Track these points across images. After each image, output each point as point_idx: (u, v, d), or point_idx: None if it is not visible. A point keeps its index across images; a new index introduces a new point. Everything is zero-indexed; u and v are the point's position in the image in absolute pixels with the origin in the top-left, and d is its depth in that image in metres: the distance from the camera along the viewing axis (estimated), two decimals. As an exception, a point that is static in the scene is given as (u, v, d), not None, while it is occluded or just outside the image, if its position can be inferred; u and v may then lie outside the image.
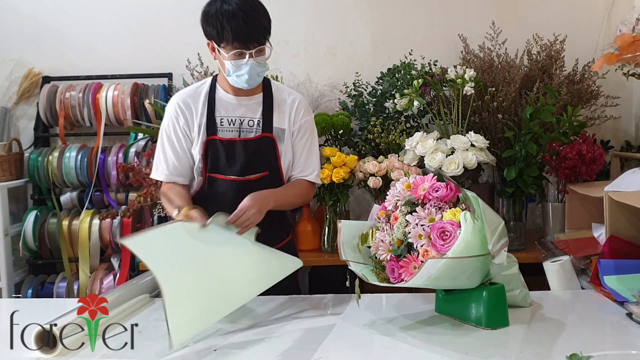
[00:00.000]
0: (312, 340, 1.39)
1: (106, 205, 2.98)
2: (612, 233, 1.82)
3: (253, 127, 1.82)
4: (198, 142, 1.81)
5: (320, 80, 2.92)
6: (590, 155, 2.28)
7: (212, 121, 1.81)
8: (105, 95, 2.94)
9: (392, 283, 1.47)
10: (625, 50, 2.18)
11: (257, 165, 1.82)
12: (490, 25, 2.74)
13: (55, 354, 1.32)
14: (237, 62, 1.72)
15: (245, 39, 1.69)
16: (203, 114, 1.82)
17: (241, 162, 1.80)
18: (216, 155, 1.81)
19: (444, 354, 1.29)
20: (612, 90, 2.75)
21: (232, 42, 1.69)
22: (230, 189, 1.82)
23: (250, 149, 1.81)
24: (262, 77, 1.80)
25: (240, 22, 1.66)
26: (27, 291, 2.91)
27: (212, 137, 1.80)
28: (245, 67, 1.72)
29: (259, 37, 1.71)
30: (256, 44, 1.71)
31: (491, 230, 1.40)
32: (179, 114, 1.83)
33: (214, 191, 1.84)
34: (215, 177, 1.83)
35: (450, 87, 2.53)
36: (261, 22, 1.71)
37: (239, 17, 1.66)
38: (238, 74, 1.74)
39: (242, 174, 1.81)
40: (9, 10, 3.09)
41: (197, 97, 1.85)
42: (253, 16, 1.68)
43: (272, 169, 1.83)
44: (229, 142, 1.80)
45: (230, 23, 1.66)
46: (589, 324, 1.49)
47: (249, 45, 1.70)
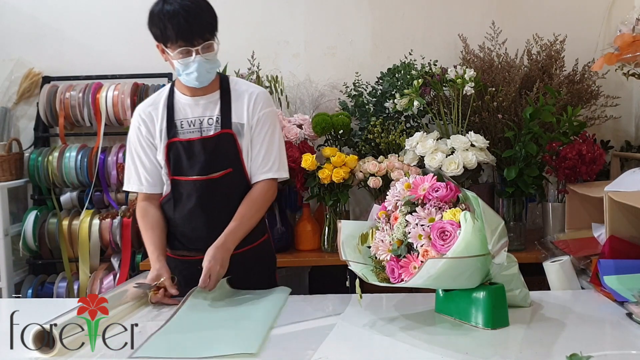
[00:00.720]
0: (312, 340, 1.39)
1: (106, 205, 2.98)
2: (612, 233, 1.82)
3: (212, 125, 1.81)
4: (161, 147, 1.83)
5: (320, 80, 2.92)
6: (590, 155, 2.28)
7: (172, 124, 1.82)
8: (105, 95, 2.94)
9: (392, 283, 1.47)
10: (625, 50, 2.17)
11: (219, 163, 1.81)
12: (490, 25, 2.74)
13: (53, 353, 1.32)
14: (184, 60, 1.72)
15: (189, 36, 1.69)
16: (163, 119, 1.83)
17: (202, 161, 1.80)
18: (178, 157, 1.81)
19: (444, 354, 1.29)
20: (612, 90, 2.75)
21: (176, 40, 1.70)
22: (195, 190, 1.81)
23: (210, 147, 1.80)
24: (212, 73, 1.80)
25: (181, 20, 1.67)
26: (27, 291, 2.91)
27: (172, 139, 1.81)
28: (194, 65, 1.73)
29: (203, 33, 1.71)
30: (201, 40, 1.71)
31: (491, 230, 1.40)
32: (140, 124, 1.85)
33: (179, 194, 1.84)
34: (179, 180, 1.83)
35: (450, 87, 2.53)
36: (204, 18, 1.72)
37: (180, 16, 1.67)
38: (187, 72, 1.75)
39: (204, 173, 1.80)
40: (9, 10, 3.09)
41: (157, 104, 1.86)
42: (195, 13, 1.69)
43: (235, 165, 1.82)
44: (188, 142, 1.80)
45: (172, 22, 1.67)
46: (589, 324, 1.49)
47: (194, 42, 1.70)
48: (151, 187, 1.88)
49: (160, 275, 1.72)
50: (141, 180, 1.87)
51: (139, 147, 1.86)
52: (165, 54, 1.77)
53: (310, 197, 2.61)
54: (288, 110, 2.85)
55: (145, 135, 1.85)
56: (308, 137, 2.62)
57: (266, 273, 1.96)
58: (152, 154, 1.85)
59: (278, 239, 2.62)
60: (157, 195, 1.89)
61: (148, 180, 1.87)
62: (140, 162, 1.86)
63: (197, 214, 1.83)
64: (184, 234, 1.89)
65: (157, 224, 1.86)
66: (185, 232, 1.88)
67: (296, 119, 2.65)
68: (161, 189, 1.89)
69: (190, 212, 1.84)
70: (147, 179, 1.87)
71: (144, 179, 1.87)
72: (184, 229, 1.88)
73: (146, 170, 1.86)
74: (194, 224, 1.85)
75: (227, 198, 1.83)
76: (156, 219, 1.87)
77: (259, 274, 1.91)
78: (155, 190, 1.88)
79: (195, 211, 1.83)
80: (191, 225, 1.86)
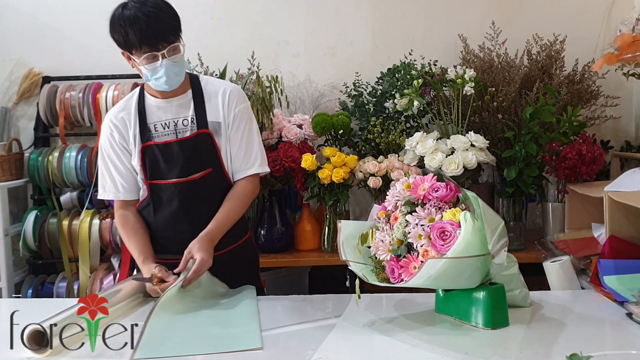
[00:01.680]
0: (312, 340, 1.39)
1: (106, 205, 2.97)
2: (612, 233, 1.82)
3: (188, 126, 1.78)
4: (135, 152, 1.79)
5: (320, 80, 2.92)
6: (590, 155, 2.28)
7: (145, 128, 1.79)
8: (105, 95, 2.94)
9: (392, 283, 1.47)
10: (625, 50, 2.17)
11: (198, 164, 1.79)
12: (490, 25, 2.74)
13: (46, 353, 1.32)
14: (151, 65, 1.68)
15: (153, 41, 1.65)
16: (136, 124, 1.80)
17: (181, 163, 1.77)
18: (154, 161, 1.78)
19: (444, 354, 1.29)
20: (612, 90, 2.75)
21: (140, 46, 1.66)
22: (175, 193, 1.79)
23: (188, 148, 1.77)
24: (181, 75, 1.75)
25: (143, 25, 1.62)
26: (27, 291, 2.91)
27: (147, 143, 1.78)
28: (161, 69, 1.68)
29: (167, 36, 1.67)
30: (165, 43, 1.66)
31: (491, 230, 1.40)
32: (112, 130, 1.81)
33: (158, 198, 1.81)
34: (157, 184, 1.80)
35: (450, 87, 2.53)
36: (166, 20, 1.67)
37: (140, 21, 1.62)
38: (156, 77, 1.71)
39: (183, 174, 1.78)
40: (9, 10, 3.09)
41: (128, 109, 1.82)
42: (156, 17, 1.64)
43: (215, 165, 1.80)
44: (165, 145, 1.77)
45: (133, 28, 1.63)
46: (589, 324, 1.49)
47: (158, 47, 1.66)
48: (128, 194, 1.84)
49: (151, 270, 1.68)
50: (117, 187, 1.83)
51: (113, 153, 1.82)
52: (132, 60, 1.73)
53: (310, 197, 2.61)
54: (288, 110, 2.85)
55: (118, 141, 1.81)
56: (308, 137, 2.62)
57: (249, 272, 1.94)
58: (126, 160, 1.82)
59: (278, 239, 2.62)
60: (134, 201, 1.86)
61: (124, 186, 1.83)
62: (115, 168, 1.83)
63: (179, 216, 1.81)
64: (167, 238, 1.85)
65: (139, 229, 1.83)
66: (168, 236, 1.85)
67: (296, 119, 2.66)
68: (137, 194, 1.86)
69: (172, 216, 1.81)
70: (124, 185, 1.83)
71: (120, 186, 1.83)
72: (167, 232, 1.84)
73: (122, 176, 1.83)
74: (177, 227, 1.82)
75: (208, 198, 1.81)
76: (137, 225, 1.83)
77: (243, 274, 1.88)
78: (132, 197, 1.85)
79: (177, 214, 1.81)
80: (174, 228, 1.83)
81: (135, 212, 1.86)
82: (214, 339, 1.40)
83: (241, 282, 1.82)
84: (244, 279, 1.85)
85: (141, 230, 1.83)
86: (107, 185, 1.85)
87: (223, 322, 1.53)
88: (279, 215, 2.64)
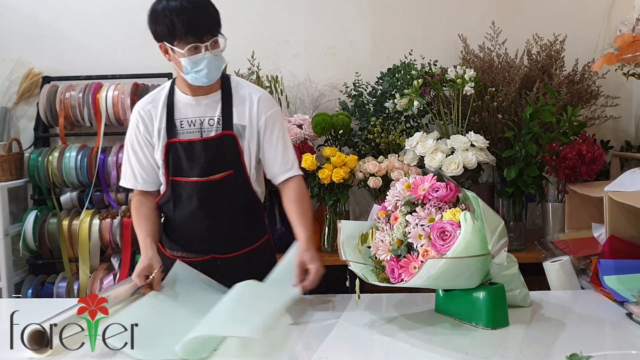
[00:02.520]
0: (312, 340, 1.39)
1: (106, 205, 2.97)
2: (612, 233, 1.82)
3: (213, 126, 1.79)
4: (159, 147, 1.80)
5: (320, 80, 2.92)
6: (590, 155, 2.28)
7: (172, 124, 1.79)
8: (105, 95, 2.94)
9: (392, 283, 1.47)
10: (625, 50, 2.17)
11: (220, 165, 1.79)
12: (490, 25, 2.74)
13: (47, 354, 1.32)
14: (193, 57, 1.68)
15: (199, 32, 1.66)
16: (162, 118, 1.80)
17: (202, 163, 1.77)
18: (177, 158, 1.79)
19: (444, 354, 1.29)
20: (612, 90, 2.75)
21: (186, 36, 1.66)
22: (195, 192, 1.79)
23: (211, 148, 1.77)
24: (220, 70, 1.76)
25: (190, 14, 1.64)
26: (27, 291, 2.90)
27: (172, 140, 1.78)
28: (203, 61, 1.68)
29: (211, 28, 1.68)
30: (210, 35, 1.68)
31: (491, 230, 1.40)
32: (139, 122, 1.82)
33: (178, 195, 1.82)
34: (179, 181, 1.80)
35: (450, 87, 2.53)
36: (211, 13, 1.69)
37: (188, 10, 1.64)
38: (196, 70, 1.71)
39: (204, 174, 1.78)
40: (9, 10, 3.09)
41: (156, 102, 1.83)
42: (202, 8, 1.67)
43: (236, 167, 1.80)
44: (189, 143, 1.78)
45: (180, 17, 1.63)
46: (589, 324, 1.49)
47: (203, 38, 1.67)
48: (146, 185, 1.86)
49: (151, 266, 1.68)
50: (136, 177, 1.85)
51: (136, 144, 1.84)
52: (169, 53, 1.73)
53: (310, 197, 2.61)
54: (288, 110, 2.85)
55: (143, 133, 1.82)
56: (308, 137, 2.62)
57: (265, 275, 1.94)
58: (148, 152, 1.83)
59: (278, 239, 2.61)
60: (152, 192, 1.87)
61: (143, 177, 1.85)
62: (136, 159, 1.84)
63: (198, 216, 1.82)
64: (183, 235, 1.87)
65: (151, 216, 1.84)
66: (185, 234, 1.87)
67: (296, 119, 2.66)
68: (157, 187, 1.87)
69: (191, 214, 1.82)
70: (143, 176, 1.85)
71: (139, 176, 1.85)
72: (185, 230, 1.86)
73: (142, 168, 1.84)
74: (194, 225, 1.84)
75: (228, 199, 1.81)
76: (150, 213, 1.85)
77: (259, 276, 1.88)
78: (150, 188, 1.86)
79: (196, 213, 1.81)
80: (192, 227, 1.84)
81: (151, 201, 1.87)
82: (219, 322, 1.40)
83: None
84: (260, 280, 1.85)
85: (152, 217, 1.85)
86: (128, 174, 1.86)
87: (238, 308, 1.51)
88: (279, 215, 2.63)
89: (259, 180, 1.88)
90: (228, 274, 1.75)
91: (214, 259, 1.85)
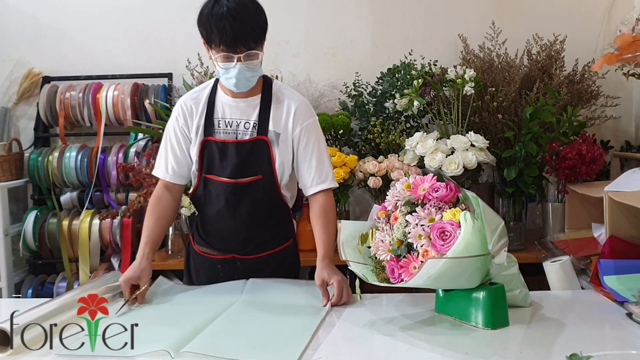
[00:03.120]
0: (312, 340, 1.39)
1: (106, 205, 2.98)
2: (612, 233, 1.82)
3: (249, 130, 1.80)
4: (196, 142, 1.81)
5: (320, 80, 2.92)
6: (590, 155, 2.28)
7: (210, 122, 1.81)
8: (105, 95, 2.95)
9: (392, 283, 1.47)
10: (625, 50, 2.17)
11: (250, 168, 1.79)
12: (490, 25, 2.74)
13: (6, 353, 1.32)
14: (225, 64, 1.69)
15: (232, 43, 1.65)
16: (202, 115, 1.82)
17: (233, 165, 1.78)
18: (211, 157, 1.80)
19: (444, 354, 1.29)
20: (612, 90, 2.75)
21: (219, 45, 1.66)
22: (224, 191, 1.81)
23: (243, 151, 1.78)
24: (253, 81, 1.75)
25: (227, 25, 1.62)
26: (27, 291, 2.91)
27: (208, 138, 1.80)
28: (233, 71, 1.69)
29: (247, 41, 1.66)
30: (244, 48, 1.66)
31: (491, 230, 1.40)
32: (179, 115, 1.84)
33: (208, 192, 1.84)
34: (210, 179, 1.82)
35: (450, 87, 2.53)
36: (251, 26, 1.66)
37: (226, 21, 1.62)
38: (227, 77, 1.72)
39: (234, 176, 1.79)
40: (9, 10, 3.09)
41: (199, 98, 1.85)
42: (243, 20, 1.64)
43: (266, 172, 1.80)
44: (223, 143, 1.79)
45: (218, 26, 1.63)
46: (589, 324, 1.49)
47: (236, 50, 1.66)
48: (175, 177, 1.86)
49: (140, 279, 1.70)
50: (167, 168, 1.86)
51: (173, 135, 1.85)
52: (210, 53, 1.75)
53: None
54: (288, 110, 2.85)
55: (181, 126, 1.83)
56: (308, 137, 2.62)
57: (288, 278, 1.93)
58: (185, 146, 1.84)
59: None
60: (178, 186, 1.88)
61: (174, 169, 1.85)
62: (171, 150, 1.85)
63: (223, 215, 1.83)
64: (211, 232, 1.90)
65: (164, 216, 1.86)
66: (212, 231, 1.90)
67: (296, 119, 2.65)
68: (185, 181, 1.88)
69: (217, 213, 1.84)
70: (174, 168, 1.85)
71: (170, 168, 1.85)
72: (211, 227, 1.89)
73: (175, 159, 1.85)
74: (220, 224, 1.86)
75: (254, 204, 1.82)
76: (166, 210, 1.86)
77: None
78: (178, 181, 1.87)
79: (222, 213, 1.83)
80: (217, 225, 1.87)
81: (174, 196, 1.88)
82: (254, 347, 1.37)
83: None
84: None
85: (165, 217, 1.86)
86: (161, 164, 1.87)
87: (273, 331, 1.48)
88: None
89: (289, 186, 1.88)
90: (247, 275, 1.80)
91: (234, 258, 1.88)
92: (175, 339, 1.37)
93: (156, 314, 1.60)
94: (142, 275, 1.71)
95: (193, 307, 1.65)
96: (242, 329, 1.48)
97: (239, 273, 1.86)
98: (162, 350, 1.30)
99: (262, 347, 1.36)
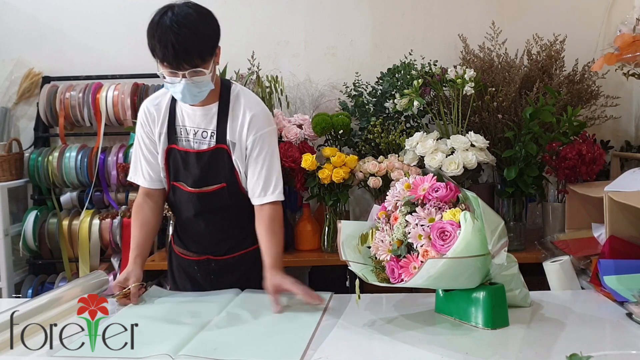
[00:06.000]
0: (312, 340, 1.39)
1: (106, 205, 2.98)
2: (612, 233, 1.82)
3: (206, 139, 1.77)
4: (160, 149, 1.81)
5: (320, 80, 2.92)
6: (590, 155, 2.28)
7: (173, 130, 1.79)
8: (105, 95, 2.95)
9: (392, 283, 1.47)
10: (625, 50, 2.17)
11: (213, 178, 1.78)
12: (490, 25, 2.74)
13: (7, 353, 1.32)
14: (170, 79, 1.63)
15: (174, 61, 1.58)
16: (164, 122, 1.80)
17: (195, 174, 1.78)
18: (176, 164, 1.80)
19: (444, 354, 1.29)
20: (612, 90, 2.75)
21: (162, 61, 1.61)
22: (191, 199, 1.81)
23: (203, 160, 1.77)
24: (202, 94, 1.69)
25: (169, 45, 1.55)
26: (27, 291, 2.91)
27: (171, 145, 1.79)
28: (179, 86, 1.63)
29: (192, 59, 1.59)
30: (187, 66, 1.59)
31: (491, 230, 1.40)
32: (144, 121, 1.82)
33: (178, 199, 1.84)
34: (178, 186, 1.82)
35: (450, 87, 2.53)
36: (196, 46, 1.59)
37: (168, 39, 1.55)
38: (174, 91, 1.68)
39: (197, 186, 1.78)
40: (9, 10, 3.09)
41: (160, 105, 1.81)
42: (186, 37, 1.56)
43: (229, 180, 1.79)
44: (185, 152, 1.78)
45: (160, 41, 1.56)
46: (589, 324, 1.49)
47: (180, 67, 1.59)
48: (153, 183, 1.86)
49: (127, 280, 1.71)
50: (144, 175, 1.86)
51: (142, 141, 1.84)
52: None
53: (310, 197, 2.61)
54: (288, 110, 2.85)
55: (147, 132, 1.83)
56: (308, 137, 2.62)
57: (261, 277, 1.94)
58: (154, 150, 1.83)
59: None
60: (157, 191, 1.88)
61: (150, 175, 1.85)
62: (143, 156, 1.84)
63: (194, 221, 1.86)
64: (185, 235, 1.93)
65: (146, 224, 1.85)
66: (186, 234, 1.93)
67: (296, 119, 2.65)
68: (163, 185, 1.88)
69: (188, 219, 1.87)
70: (150, 174, 1.85)
71: (147, 174, 1.85)
72: (185, 230, 1.93)
73: (149, 165, 1.84)
74: (192, 229, 1.89)
75: (223, 210, 1.83)
76: (148, 218, 1.86)
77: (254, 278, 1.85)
78: (156, 186, 1.87)
79: (192, 218, 1.86)
80: (190, 229, 1.90)
81: (155, 201, 1.88)
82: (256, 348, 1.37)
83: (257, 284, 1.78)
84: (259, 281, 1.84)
85: (149, 224, 1.86)
86: (138, 170, 1.87)
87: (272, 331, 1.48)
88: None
89: None
90: (222, 274, 1.82)
91: (209, 260, 1.89)
92: (174, 340, 1.37)
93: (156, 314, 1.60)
94: (129, 277, 1.72)
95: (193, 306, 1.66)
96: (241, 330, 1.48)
97: (215, 273, 1.89)
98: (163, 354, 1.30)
99: (262, 348, 1.36)
